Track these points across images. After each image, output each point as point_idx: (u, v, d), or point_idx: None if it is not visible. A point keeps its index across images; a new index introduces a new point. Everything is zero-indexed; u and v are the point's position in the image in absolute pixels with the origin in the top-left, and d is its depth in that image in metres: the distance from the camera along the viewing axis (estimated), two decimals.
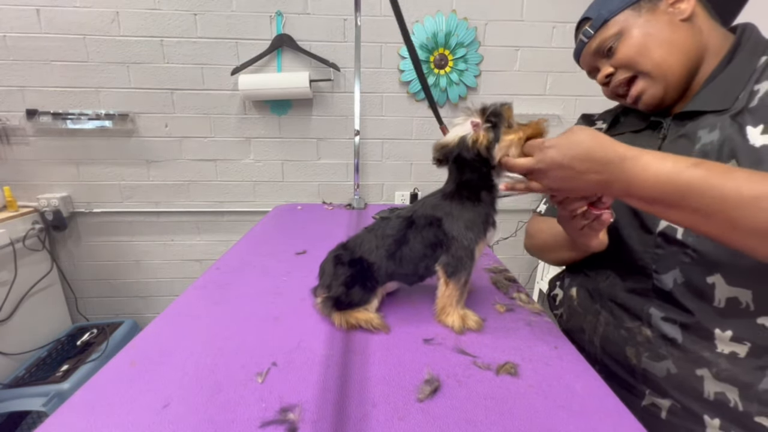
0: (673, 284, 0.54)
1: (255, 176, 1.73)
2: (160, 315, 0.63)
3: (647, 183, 0.44)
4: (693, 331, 0.53)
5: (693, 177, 0.41)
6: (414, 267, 0.62)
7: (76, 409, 0.43)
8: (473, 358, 0.53)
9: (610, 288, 0.63)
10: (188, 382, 0.47)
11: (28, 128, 1.58)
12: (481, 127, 0.57)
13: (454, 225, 0.59)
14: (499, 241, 1.22)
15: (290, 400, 0.44)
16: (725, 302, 0.50)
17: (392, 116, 1.69)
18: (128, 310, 1.87)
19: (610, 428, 0.41)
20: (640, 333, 0.58)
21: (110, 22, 1.50)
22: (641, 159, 0.44)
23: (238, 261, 0.88)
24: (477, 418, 0.42)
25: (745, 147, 0.48)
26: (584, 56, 0.66)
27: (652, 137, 0.62)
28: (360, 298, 0.61)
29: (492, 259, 0.91)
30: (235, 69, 1.55)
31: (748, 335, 0.49)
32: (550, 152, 0.48)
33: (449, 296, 0.60)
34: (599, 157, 0.45)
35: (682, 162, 0.43)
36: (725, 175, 0.41)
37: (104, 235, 1.75)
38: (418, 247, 0.61)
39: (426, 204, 0.63)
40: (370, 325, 0.59)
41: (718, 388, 0.50)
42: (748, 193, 0.39)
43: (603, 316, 0.64)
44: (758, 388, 0.48)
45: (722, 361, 0.50)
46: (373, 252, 0.62)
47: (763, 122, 0.48)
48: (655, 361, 0.56)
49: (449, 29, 1.58)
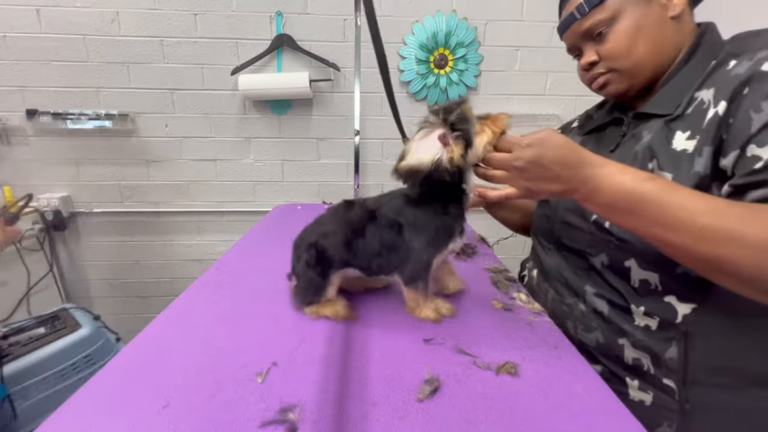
0: (600, 266, 0.61)
1: (255, 176, 1.73)
2: (160, 315, 0.63)
3: (608, 191, 0.48)
4: (616, 306, 0.60)
5: (647, 190, 0.46)
6: (367, 262, 0.61)
7: (76, 409, 0.43)
8: (473, 358, 0.53)
9: (558, 267, 0.70)
10: (188, 382, 0.47)
11: (28, 128, 1.58)
12: (450, 140, 0.51)
13: (414, 237, 0.57)
14: (499, 240, 1.22)
15: (290, 400, 0.44)
16: (639, 283, 0.56)
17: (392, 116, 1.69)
18: (128, 310, 1.87)
19: (610, 428, 0.41)
20: (577, 308, 0.65)
21: (110, 22, 1.50)
22: (605, 168, 0.48)
23: (238, 261, 0.88)
24: (477, 418, 0.42)
25: (665, 150, 0.53)
26: (571, 33, 0.64)
27: (615, 134, 0.67)
28: (317, 284, 0.62)
29: (492, 259, 0.91)
30: (235, 69, 1.55)
31: (657, 311, 0.55)
32: (530, 151, 0.49)
33: (413, 299, 0.62)
34: (571, 162, 0.49)
35: (639, 175, 0.48)
36: (673, 191, 0.46)
37: (104, 235, 1.75)
38: (374, 245, 0.60)
39: (390, 206, 0.60)
40: (339, 317, 0.62)
41: (635, 355, 0.58)
42: (690, 207, 0.45)
43: (551, 293, 0.71)
44: (665, 356, 0.55)
45: (638, 333, 0.57)
46: (330, 237, 0.62)
47: (690, 128, 0.53)
48: (588, 333, 0.63)
49: (449, 29, 1.58)
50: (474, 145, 0.52)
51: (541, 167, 0.49)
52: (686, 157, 0.52)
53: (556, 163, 0.49)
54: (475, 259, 0.92)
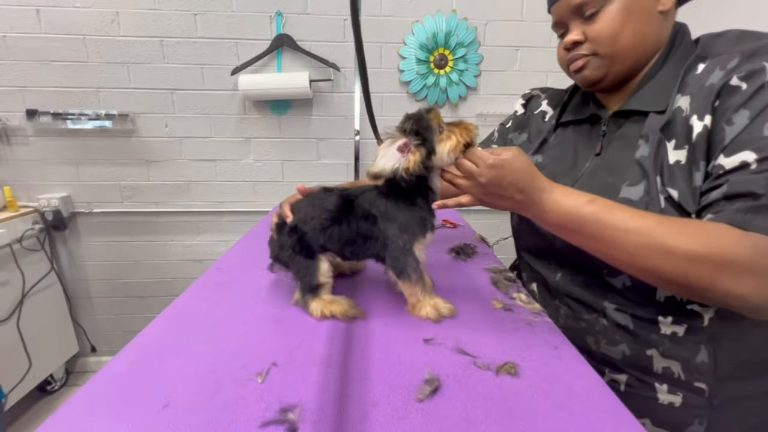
0: (622, 286, 0.59)
1: (255, 176, 1.73)
2: (160, 315, 0.63)
3: (554, 213, 0.55)
4: (641, 318, 0.59)
5: (587, 212, 0.52)
6: (340, 248, 0.65)
7: (76, 409, 0.43)
8: (473, 358, 0.53)
9: (564, 285, 0.68)
10: (188, 382, 0.47)
11: (28, 128, 1.58)
12: (410, 149, 0.57)
13: (388, 226, 0.61)
14: (499, 240, 1.22)
15: (290, 400, 0.44)
16: (665, 299, 0.56)
17: (392, 116, 1.69)
18: (128, 310, 1.87)
19: (610, 428, 0.41)
20: (598, 323, 0.64)
21: (110, 22, 1.50)
22: (553, 193, 0.55)
23: (238, 261, 0.88)
24: (477, 418, 0.42)
25: (667, 165, 0.54)
26: (563, 5, 0.61)
27: (593, 132, 0.68)
28: (308, 265, 0.64)
29: (492, 259, 0.91)
30: (235, 69, 1.55)
31: (683, 318, 0.56)
32: (493, 172, 0.55)
33: (411, 294, 0.64)
34: (526, 187, 0.55)
35: (582, 198, 0.53)
36: (610, 212, 0.51)
37: (104, 235, 1.75)
38: (348, 233, 0.63)
39: (365, 197, 0.64)
40: (346, 316, 0.62)
41: (665, 364, 0.58)
42: (623, 226, 0.50)
43: (563, 310, 0.69)
44: (696, 360, 0.55)
45: (666, 341, 0.57)
46: (308, 222, 0.64)
47: (675, 137, 0.54)
48: (612, 346, 0.62)
49: (449, 29, 1.58)
50: (437, 151, 0.58)
51: (499, 187, 0.55)
52: (682, 171, 0.53)
53: (513, 185, 0.55)
54: (475, 259, 0.92)
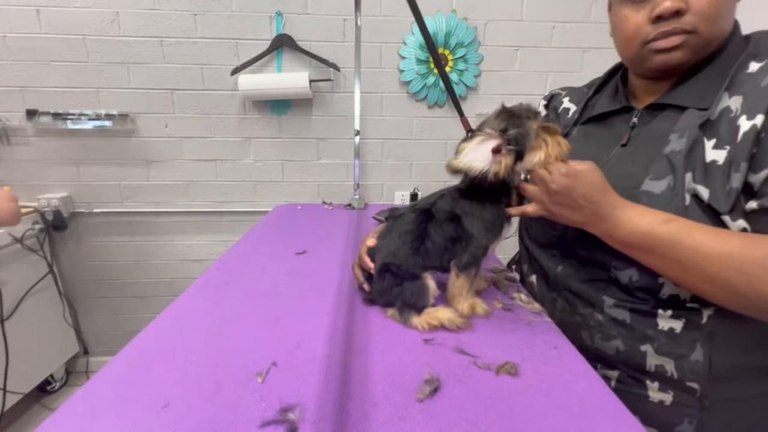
0: (628, 280, 0.58)
1: (255, 176, 1.73)
2: (160, 315, 0.63)
3: (626, 230, 0.52)
4: (639, 312, 0.58)
5: (662, 232, 0.49)
6: (439, 260, 0.63)
7: (76, 409, 0.43)
8: (473, 358, 0.53)
9: (565, 278, 0.67)
10: (188, 382, 0.47)
11: (28, 128, 1.58)
12: (503, 152, 0.54)
13: (474, 224, 0.60)
14: None
15: (290, 400, 0.44)
16: (668, 296, 0.55)
17: (392, 116, 1.69)
18: (128, 310, 1.87)
19: (610, 428, 0.41)
20: (593, 318, 0.63)
21: (110, 22, 1.50)
22: (627, 210, 0.52)
23: (238, 261, 0.88)
24: (477, 418, 0.42)
25: (701, 163, 0.51)
26: None
27: (622, 122, 0.65)
28: (414, 288, 0.62)
29: (492, 259, 0.91)
30: (235, 69, 1.55)
31: (683, 314, 0.55)
32: (566, 180, 0.53)
33: (459, 287, 0.63)
34: (598, 200, 0.52)
35: (658, 217, 0.50)
36: (688, 233, 0.48)
37: (104, 235, 1.75)
38: (439, 241, 0.62)
39: (445, 198, 0.63)
40: (454, 324, 0.60)
41: (658, 362, 0.57)
42: (703, 250, 0.47)
43: (559, 303, 0.68)
44: (690, 358, 0.54)
45: (662, 337, 0.56)
46: (397, 254, 0.62)
47: (716, 137, 0.51)
48: (606, 341, 0.61)
49: (449, 29, 1.58)
50: (525, 159, 0.56)
51: (569, 198, 0.53)
52: (718, 171, 0.49)
53: (584, 198, 0.52)
54: None
